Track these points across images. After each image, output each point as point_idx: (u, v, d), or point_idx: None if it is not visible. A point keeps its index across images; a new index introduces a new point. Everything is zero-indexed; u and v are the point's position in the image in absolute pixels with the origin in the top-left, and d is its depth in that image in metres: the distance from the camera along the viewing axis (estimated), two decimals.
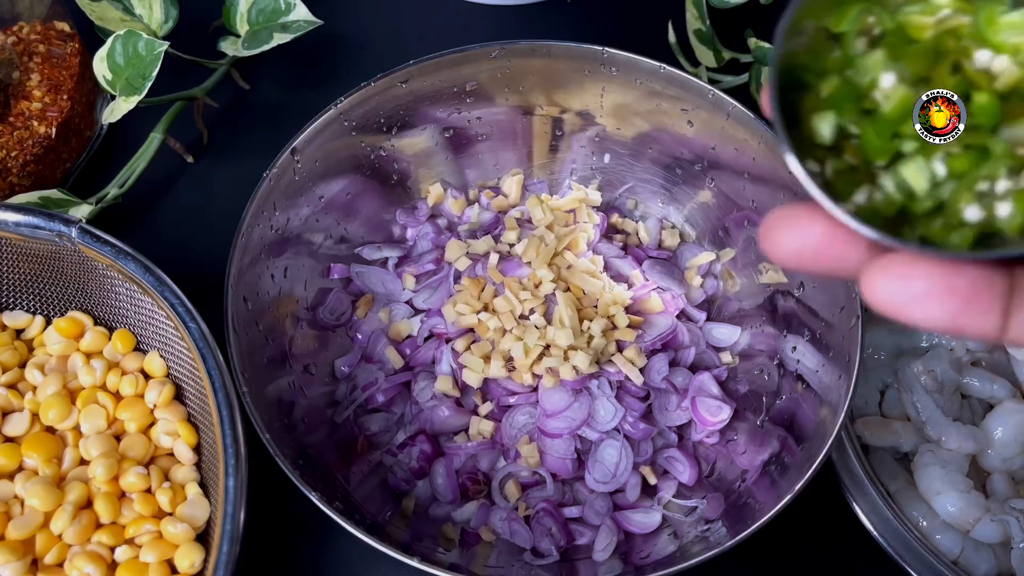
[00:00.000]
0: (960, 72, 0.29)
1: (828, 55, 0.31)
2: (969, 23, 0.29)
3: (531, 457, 0.50)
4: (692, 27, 0.63)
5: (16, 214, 0.47)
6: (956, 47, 0.29)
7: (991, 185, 0.29)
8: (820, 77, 0.31)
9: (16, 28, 0.59)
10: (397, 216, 0.58)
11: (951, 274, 0.26)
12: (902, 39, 0.30)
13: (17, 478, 0.45)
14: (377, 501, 0.49)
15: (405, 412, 0.52)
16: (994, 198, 0.28)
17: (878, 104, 0.29)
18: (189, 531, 0.45)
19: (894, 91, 0.29)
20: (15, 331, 0.51)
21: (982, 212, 0.28)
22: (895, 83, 0.29)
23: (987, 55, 0.29)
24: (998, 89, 0.29)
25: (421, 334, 0.54)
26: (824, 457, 0.44)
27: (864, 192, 0.30)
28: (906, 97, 0.29)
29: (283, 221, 0.52)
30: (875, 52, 0.29)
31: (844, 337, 0.47)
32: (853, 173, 0.30)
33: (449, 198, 0.58)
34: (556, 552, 0.48)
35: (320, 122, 0.51)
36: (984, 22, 0.29)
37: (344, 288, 0.56)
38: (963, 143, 0.29)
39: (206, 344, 0.45)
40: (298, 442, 0.48)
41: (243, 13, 0.60)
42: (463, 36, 0.58)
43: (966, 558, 0.48)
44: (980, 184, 0.28)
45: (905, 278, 0.26)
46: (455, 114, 0.56)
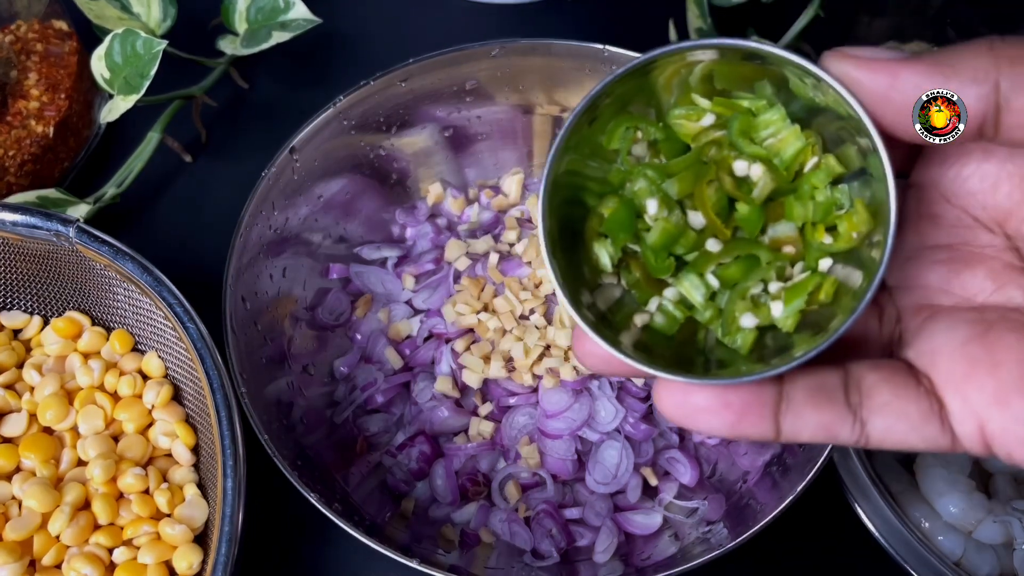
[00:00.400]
0: (721, 186, 0.30)
1: (605, 174, 0.31)
2: (726, 134, 0.30)
3: (531, 458, 0.50)
4: (693, 25, 0.62)
5: (13, 214, 0.47)
6: (719, 157, 0.30)
7: (763, 287, 0.30)
8: (600, 198, 0.31)
9: (14, 27, 0.59)
10: (396, 216, 0.57)
11: (726, 391, 0.28)
12: (671, 148, 0.31)
13: (15, 479, 0.45)
14: (376, 502, 0.49)
15: (404, 413, 0.52)
16: (769, 298, 0.30)
17: (649, 228, 0.30)
18: (187, 532, 0.44)
19: (657, 222, 0.30)
20: (12, 331, 0.51)
21: (756, 319, 0.30)
22: (657, 210, 0.30)
23: (744, 164, 0.30)
24: (757, 198, 0.30)
25: (420, 334, 0.54)
26: (826, 458, 0.44)
27: (655, 303, 0.31)
28: (668, 228, 0.30)
29: (282, 221, 0.51)
30: (639, 180, 0.30)
31: None
32: (648, 283, 0.31)
33: (449, 197, 0.58)
34: (556, 554, 0.48)
35: (319, 121, 0.51)
36: (737, 133, 0.30)
37: (343, 288, 0.55)
38: (732, 254, 0.30)
39: (204, 344, 0.45)
40: (297, 443, 0.48)
41: (242, 11, 0.59)
42: (463, 34, 0.58)
43: (968, 559, 0.48)
44: (753, 289, 0.30)
45: (687, 393, 0.29)
46: (455, 113, 0.55)
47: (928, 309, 0.30)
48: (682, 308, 0.31)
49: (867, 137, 0.27)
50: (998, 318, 0.28)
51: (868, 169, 0.28)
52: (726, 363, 0.30)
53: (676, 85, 0.30)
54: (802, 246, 0.30)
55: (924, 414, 0.28)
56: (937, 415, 0.28)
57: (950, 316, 0.29)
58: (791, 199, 0.30)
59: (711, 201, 0.30)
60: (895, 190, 0.27)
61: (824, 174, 0.29)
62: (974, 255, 0.30)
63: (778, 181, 0.30)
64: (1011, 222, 0.30)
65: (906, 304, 0.31)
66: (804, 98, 0.29)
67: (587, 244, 0.31)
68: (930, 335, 0.29)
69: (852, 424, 0.28)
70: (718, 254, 0.30)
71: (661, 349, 0.31)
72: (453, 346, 0.52)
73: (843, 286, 0.29)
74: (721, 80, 0.30)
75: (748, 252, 0.30)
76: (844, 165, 0.29)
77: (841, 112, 0.28)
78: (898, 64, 0.27)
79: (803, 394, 0.28)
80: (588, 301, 0.30)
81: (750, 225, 0.30)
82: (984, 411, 0.27)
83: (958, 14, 0.60)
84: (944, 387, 0.28)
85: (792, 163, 0.29)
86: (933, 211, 0.31)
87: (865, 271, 0.29)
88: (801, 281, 0.29)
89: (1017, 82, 0.26)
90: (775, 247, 0.30)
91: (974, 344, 0.28)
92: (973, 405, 0.28)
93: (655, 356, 0.30)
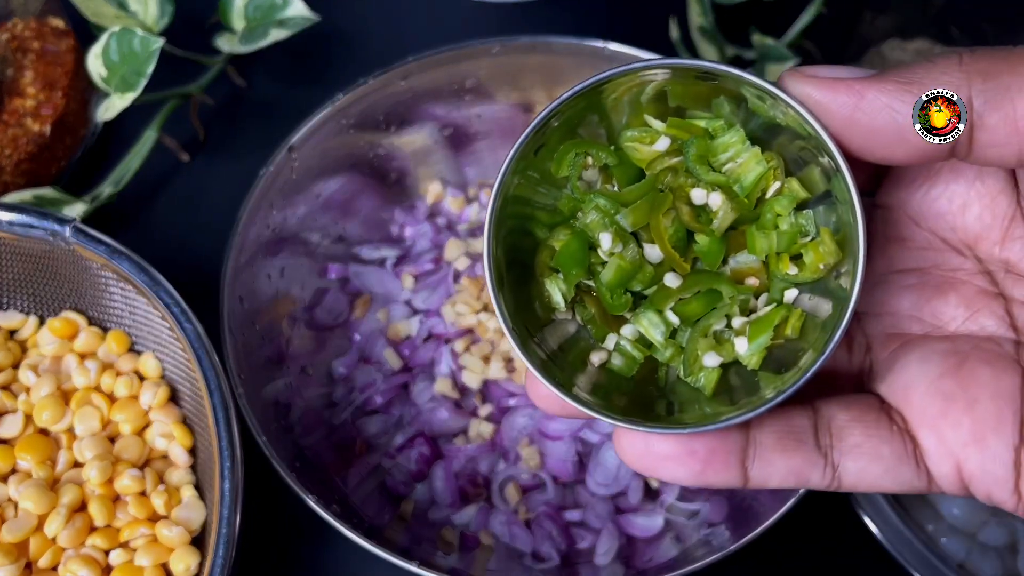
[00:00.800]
0: (679, 216, 0.28)
1: (556, 201, 0.30)
2: (682, 160, 0.28)
3: (531, 460, 0.50)
4: (695, 23, 0.62)
5: (9, 212, 0.47)
6: (675, 185, 0.28)
7: (727, 322, 0.28)
8: (550, 229, 0.29)
9: (10, 24, 0.59)
10: (395, 215, 0.57)
11: (690, 438, 0.27)
12: (624, 173, 0.29)
13: (10, 480, 0.45)
14: (375, 504, 0.49)
15: (404, 414, 0.52)
16: (732, 334, 0.28)
17: (603, 263, 0.29)
18: (184, 534, 0.44)
19: (611, 258, 0.28)
20: (8, 331, 0.50)
21: (720, 357, 0.28)
22: (611, 244, 0.28)
23: (702, 193, 0.28)
24: (717, 230, 0.28)
25: (420, 335, 0.53)
26: None
27: (613, 341, 0.29)
28: (622, 266, 0.28)
29: (280, 220, 0.51)
30: (591, 212, 0.28)
31: None
32: (604, 320, 0.29)
33: (448, 196, 0.58)
34: (557, 556, 0.48)
35: (318, 119, 0.50)
36: (694, 159, 0.28)
37: (342, 288, 0.55)
38: (692, 289, 0.28)
39: (202, 345, 0.44)
40: (295, 444, 0.48)
41: (239, 9, 0.59)
42: (463, 32, 0.58)
43: (972, 561, 0.48)
44: (715, 325, 0.28)
45: (648, 441, 0.27)
46: (455, 111, 0.55)
47: (899, 338, 0.29)
48: (641, 347, 0.29)
49: (830, 158, 0.26)
50: (972, 349, 0.27)
51: (833, 192, 0.27)
52: (689, 403, 0.29)
53: (628, 103, 0.29)
54: (766, 277, 0.29)
55: (898, 455, 0.27)
56: (912, 455, 0.27)
57: (922, 347, 0.28)
58: (753, 231, 0.28)
59: (668, 233, 0.28)
60: (863, 216, 0.26)
61: (787, 200, 0.28)
62: (945, 280, 0.29)
63: (739, 210, 0.28)
64: (982, 245, 0.29)
65: (875, 332, 0.29)
66: (764, 116, 0.28)
67: (538, 279, 0.29)
68: (902, 368, 0.28)
69: (823, 468, 0.27)
70: (677, 290, 0.28)
71: (621, 389, 0.29)
72: (453, 346, 0.52)
73: (811, 318, 0.28)
74: (676, 98, 0.28)
75: (709, 287, 0.28)
76: (808, 189, 0.28)
77: (802, 132, 0.26)
78: (863, 84, 0.26)
79: (771, 439, 0.27)
80: (540, 339, 0.29)
81: (710, 257, 0.28)
82: (961, 451, 0.26)
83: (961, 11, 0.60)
84: (918, 425, 0.27)
85: (753, 189, 0.28)
86: (901, 233, 0.30)
87: (834, 300, 0.27)
88: (766, 315, 0.28)
89: (990, 98, 0.25)
90: (738, 278, 0.29)
91: (948, 379, 0.27)
92: (949, 444, 0.26)
93: (614, 398, 0.28)
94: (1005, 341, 0.28)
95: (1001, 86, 0.25)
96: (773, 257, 0.28)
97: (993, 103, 0.25)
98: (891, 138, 0.26)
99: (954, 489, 0.27)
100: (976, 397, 0.26)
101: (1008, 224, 0.28)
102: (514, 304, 0.28)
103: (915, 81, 0.25)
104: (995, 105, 0.25)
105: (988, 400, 0.26)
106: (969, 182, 0.28)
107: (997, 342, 0.28)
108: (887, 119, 0.25)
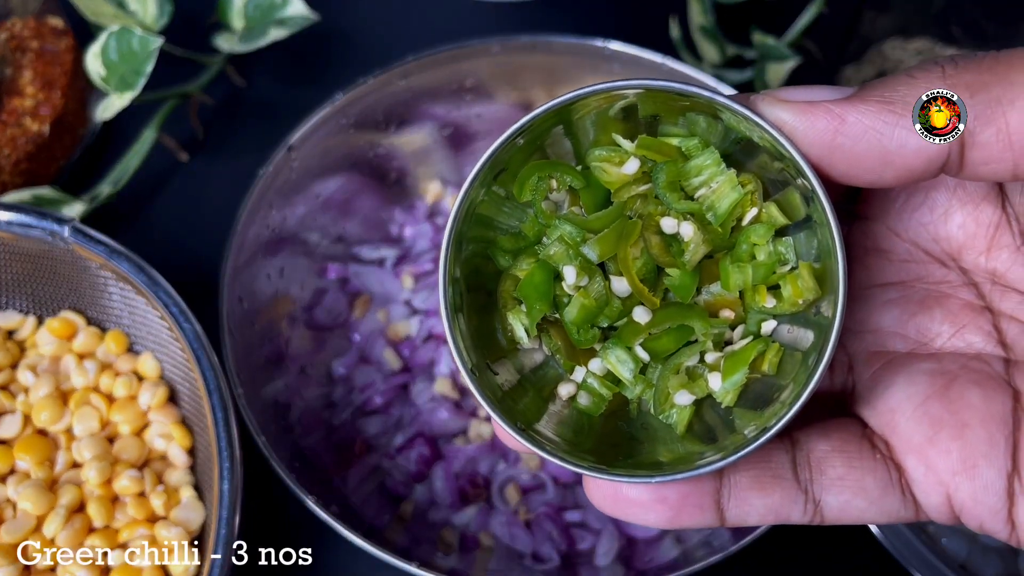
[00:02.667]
0: (648, 248, 0.27)
1: (520, 222, 0.28)
2: (652, 186, 0.27)
3: (531, 460, 0.49)
4: (696, 22, 0.62)
5: (8, 212, 0.47)
6: (644, 212, 0.27)
7: (700, 357, 0.27)
8: (514, 256, 0.28)
9: (9, 24, 0.59)
10: (395, 215, 0.57)
11: (660, 485, 0.26)
12: (591, 196, 0.27)
13: (9, 481, 0.45)
14: (375, 505, 0.49)
15: (403, 414, 0.52)
16: (706, 369, 0.27)
17: (568, 298, 0.27)
18: (183, 535, 0.44)
19: (576, 294, 0.27)
20: (7, 332, 0.50)
21: (692, 395, 0.27)
22: (576, 278, 0.27)
23: (673, 223, 0.27)
24: (688, 263, 0.26)
25: (420, 335, 0.53)
26: None
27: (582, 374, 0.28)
28: (587, 304, 0.27)
29: (279, 220, 0.51)
30: (555, 244, 0.27)
31: None
32: (571, 352, 0.28)
33: (448, 196, 0.57)
34: (557, 557, 0.48)
35: (317, 119, 0.50)
36: (665, 186, 0.26)
37: (341, 288, 0.55)
38: (662, 324, 0.27)
39: (200, 345, 0.44)
40: (294, 445, 0.47)
41: (239, 8, 0.59)
42: (462, 32, 0.58)
43: (973, 561, 0.48)
44: (688, 361, 0.27)
45: (618, 486, 0.26)
46: (454, 111, 0.55)
47: (882, 356, 0.27)
48: (608, 383, 0.28)
49: (807, 181, 0.24)
50: (960, 369, 0.26)
51: (812, 216, 0.26)
52: (661, 441, 0.27)
53: (596, 117, 0.27)
54: (742, 308, 0.27)
55: (883, 486, 0.26)
56: (897, 485, 0.26)
57: (907, 367, 0.26)
58: (727, 265, 0.27)
59: (636, 265, 0.26)
60: (842, 248, 0.24)
61: (765, 229, 0.26)
62: (929, 294, 0.27)
63: (713, 241, 0.27)
64: (966, 255, 0.27)
65: (857, 350, 0.28)
66: (741, 134, 0.26)
67: (500, 310, 0.28)
68: (886, 390, 0.26)
69: (804, 504, 0.26)
70: (646, 325, 0.27)
71: (590, 425, 0.28)
72: None
73: (789, 352, 0.26)
74: (648, 109, 0.27)
75: (680, 322, 0.27)
76: (788, 215, 0.26)
77: (779, 154, 0.25)
78: (842, 107, 0.24)
79: (746, 478, 0.26)
80: (502, 370, 0.27)
81: (682, 291, 0.27)
82: (951, 480, 0.25)
83: (963, 10, 0.60)
84: (904, 452, 0.26)
85: (728, 218, 0.26)
86: (881, 246, 0.28)
87: (816, 330, 0.26)
88: (741, 350, 0.26)
89: (980, 112, 0.23)
90: (712, 310, 0.27)
91: (935, 402, 0.25)
92: (939, 473, 0.25)
93: (582, 435, 0.27)
94: (993, 359, 0.26)
95: (991, 99, 0.23)
96: (749, 289, 0.27)
97: (983, 117, 0.23)
98: (876, 162, 0.24)
99: (944, 519, 0.26)
100: (966, 422, 0.25)
101: (993, 232, 0.27)
102: (475, 331, 0.27)
103: (897, 100, 0.24)
104: (986, 120, 0.23)
105: (978, 425, 0.25)
106: (951, 189, 0.27)
107: (985, 360, 0.26)
108: (871, 142, 0.24)
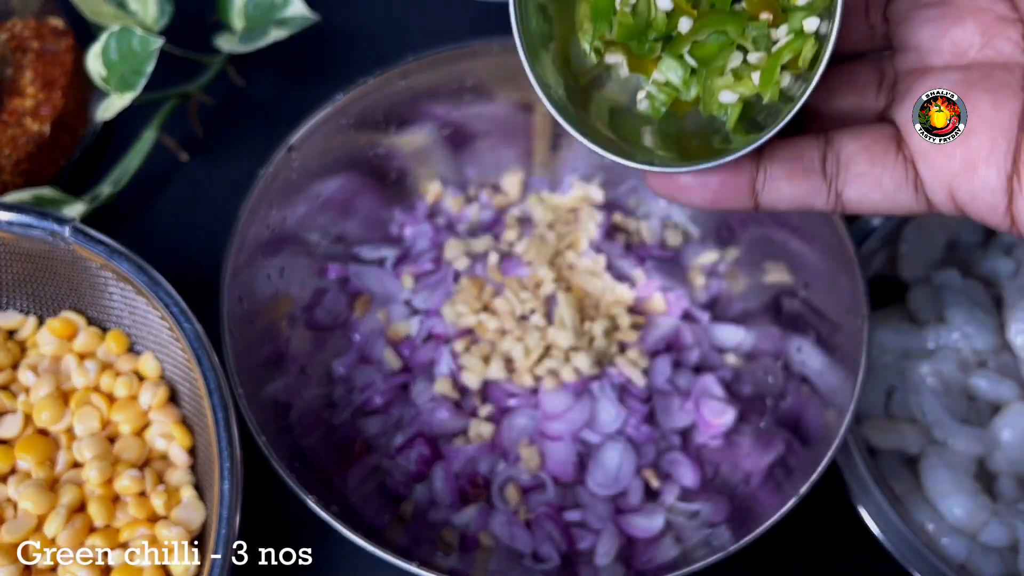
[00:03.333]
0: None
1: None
2: None
3: (531, 460, 0.49)
4: None
5: (8, 212, 0.46)
6: None
7: (743, 59, 0.30)
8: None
9: (9, 24, 0.59)
10: (395, 215, 0.57)
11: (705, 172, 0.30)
12: None
13: (10, 481, 0.45)
14: (375, 505, 0.49)
15: (403, 414, 0.52)
16: (750, 70, 0.30)
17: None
18: (184, 535, 0.44)
19: (616, 18, 0.30)
20: (7, 332, 0.50)
21: (735, 94, 0.30)
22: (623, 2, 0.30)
23: None
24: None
25: (420, 335, 0.53)
26: (829, 460, 0.43)
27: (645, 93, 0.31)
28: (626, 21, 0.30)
29: (279, 220, 0.51)
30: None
31: (850, 338, 0.46)
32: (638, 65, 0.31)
33: (448, 196, 0.57)
34: (557, 556, 0.48)
35: (317, 119, 0.50)
36: None
37: (341, 288, 0.55)
38: (703, 31, 0.30)
39: (201, 345, 0.44)
40: (295, 444, 0.47)
41: (239, 8, 0.59)
42: (463, 32, 0.58)
43: (973, 562, 0.48)
44: (732, 63, 0.30)
45: (671, 175, 0.31)
46: (454, 111, 0.55)
47: (920, 72, 0.30)
48: (667, 90, 0.31)
49: None
50: (980, 78, 0.28)
51: None
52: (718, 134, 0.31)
53: None
54: (779, 8, 0.30)
55: (898, 184, 0.29)
56: (912, 183, 0.29)
57: (935, 77, 0.29)
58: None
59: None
60: None
61: None
62: (965, 8, 0.29)
63: None
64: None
65: (902, 67, 0.31)
66: None
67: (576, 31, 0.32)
68: (912, 98, 0.29)
69: (827, 195, 0.30)
70: (689, 33, 0.30)
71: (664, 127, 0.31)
72: (452, 347, 0.52)
73: None
74: None
75: (716, 27, 0.30)
76: None
77: None
78: None
79: (781, 171, 0.30)
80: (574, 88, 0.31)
81: None
82: (952, 180, 0.28)
83: None
84: (916, 155, 0.29)
85: None
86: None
87: None
88: (777, 51, 0.29)
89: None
90: (752, 14, 0.30)
91: None
92: (943, 175, 0.28)
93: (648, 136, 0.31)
94: (1017, 67, 0.28)
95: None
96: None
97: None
98: None
99: (951, 213, 0.29)
100: (972, 128, 0.28)
101: None
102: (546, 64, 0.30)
103: None
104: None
105: (983, 131, 0.27)
106: None
107: (1009, 69, 0.28)
108: None
